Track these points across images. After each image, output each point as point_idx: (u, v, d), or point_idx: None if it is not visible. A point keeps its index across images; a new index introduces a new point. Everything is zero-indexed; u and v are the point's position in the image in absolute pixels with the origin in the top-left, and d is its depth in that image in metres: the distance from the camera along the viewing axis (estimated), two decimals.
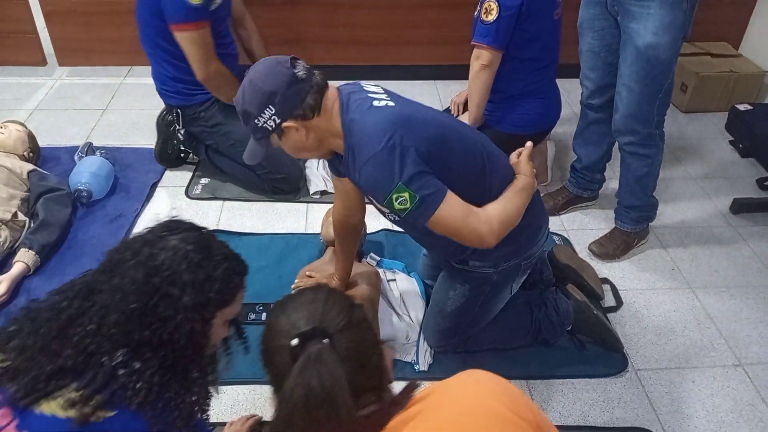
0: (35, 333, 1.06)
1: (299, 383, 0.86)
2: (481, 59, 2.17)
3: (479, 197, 1.46)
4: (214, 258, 1.11)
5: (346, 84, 1.53)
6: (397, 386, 0.97)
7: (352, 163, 1.42)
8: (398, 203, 1.36)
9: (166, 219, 1.16)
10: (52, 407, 0.99)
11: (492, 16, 2.09)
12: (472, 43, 2.19)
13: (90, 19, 3.31)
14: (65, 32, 3.37)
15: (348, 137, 1.42)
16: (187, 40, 2.20)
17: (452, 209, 1.38)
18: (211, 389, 1.17)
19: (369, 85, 1.51)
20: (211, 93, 2.36)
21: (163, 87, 2.42)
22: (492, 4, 2.08)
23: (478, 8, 2.17)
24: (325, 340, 0.89)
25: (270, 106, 1.38)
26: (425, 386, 0.95)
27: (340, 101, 1.44)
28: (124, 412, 1.01)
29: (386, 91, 1.50)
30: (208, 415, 1.18)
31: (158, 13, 2.19)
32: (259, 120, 1.41)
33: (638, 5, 1.87)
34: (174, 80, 2.37)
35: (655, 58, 1.89)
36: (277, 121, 1.40)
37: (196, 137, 2.53)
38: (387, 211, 1.50)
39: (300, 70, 1.39)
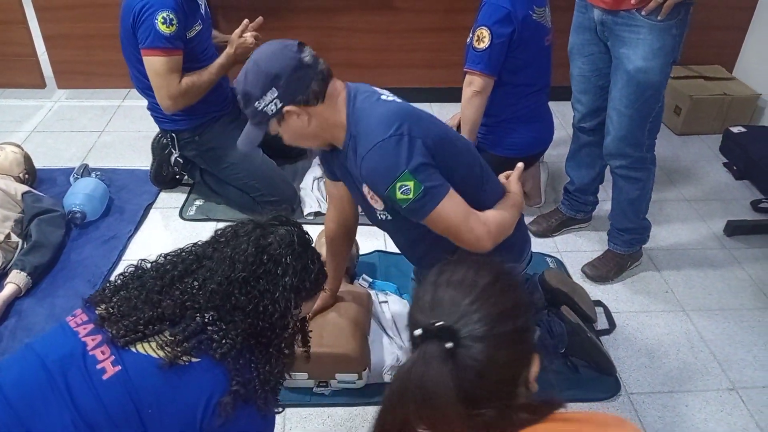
0: (141, 288, 1.20)
1: (404, 376, 0.85)
2: (474, 86, 2.19)
3: (475, 204, 1.44)
4: (311, 254, 1.28)
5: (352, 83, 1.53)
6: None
7: (353, 153, 1.40)
8: (401, 192, 1.33)
9: (275, 213, 1.33)
10: (145, 348, 1.12)
11: (484, 44, 2.11)
12: (465, 69, 2.21)
13: (89, 42, 3.36)
14: (65, 55, 3.41)
15: (352, 126, 1.40)
16: (152, 66, 2.20)
17: (454, 206, 1.37)
18: (285, 373, 1.28)
19: (375, 87, 1.51)
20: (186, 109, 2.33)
21: (155, 114, 2.44)
22: (484, 31, 2.11)
23: (471, 35, 2.19)
24: (448, 344, 0.83)
25: (273, 89, 1.36)
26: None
27: (347, 93, 1.43)
28: (208, 360, 1.12)
29: (393, 94, 1.50)
30: (278, 399, 1.27)
31: (135, 41, 2.21)
32: (260, 103, 1.37)
33: (628, 30, 1.88)
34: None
35: (645, 82, 1.91)
36: (279, 104, 1.37)
37: (191, 161, 2.55)
38: (380, 208, 1.48)
39: (307, 56, 1.38)
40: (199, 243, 1.30)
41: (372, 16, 3.31)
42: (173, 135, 2.47)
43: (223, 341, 1.14)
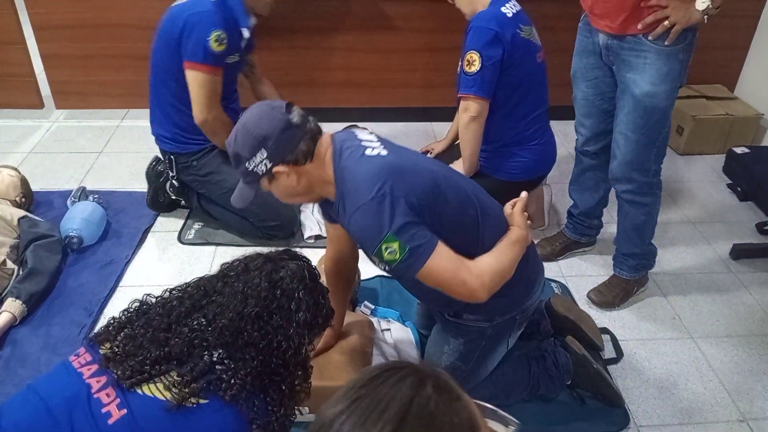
0: (147, 325, 1.18)
1: None
2: (470, 111, 2.16)
3: (472, 249, 1.42)
4: (321, 288, 1.29)
5: (340, 131, 1.52)
6: None
7: (343, 211, 1.40)
8: (387, 254, 1.33)
9: (284, 249, 1.35)
10: (152, 389, 1.10)
11: (475, 67, 2.09)
12: (459, 95, 2.18)
13: (88, 62, 3.33)
14: (63, 75, 3.38)
15: (339, 185, 1.40)
16: (197, 80, 2.20)
17: (442, 262, 1.34)
18: (296, 410, 1.28)
19: (363, 133, 1.50)
20: (207, 136, 2.34)
21: (160, 132, 2.41)
22: (474, 55, 2.09)
23: (461, 62, 2.16)
24: None
25: (262, 150, 1.37)
26: None
27: (333, 148, 1.43)
28: (216, 401, 1.10)
29: (380, 139, 1.48)
30: None
31: (176, 50, 2.19)
32: (250, 163, 1.39)
33: (635, 55, 1.86)
34: (173, 125, 2.36)
35: (652, 107, 1.88)
36: (269, 165, 1.38)
37: (188, 185, 2.52)
38: (377, 260, 1.47)
39: (295, 116, 1.38)
40: (206, 276, 1.29)
41: (371, 36, 3.29)
42: (171, 158, 2.44)
43: (232, 381, 1.12)
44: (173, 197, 2.61)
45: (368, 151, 1.41)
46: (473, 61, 2.09)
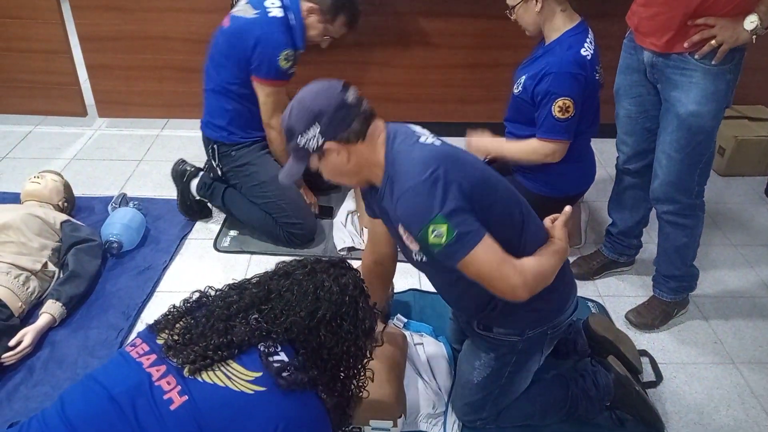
0: (207, 316, 1.21)
1: None
2: (555, 156, 2.16)
3: (514, 250, 1.40)
4: (371, 301, 1.32)
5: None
6: None
7: (389, 194, 1.40)
8: (434, 236, 1.31)
9: (340, 258, 1.37)
10: (211, 377, 1.12)
11: (569, 114, 2.08)
12: (545, 138, 2.15)
13: (130, 73, 3.42)
14: (106, 85, 3.47)
15: (389, 167, 1.40)
16: (264, 92, 2.43)
17: (487, 253, 1.33)
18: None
19: (415, 127, 1.51)
20: (268, 137, 2.53)
21: (212, 120, 2.54)
22: (568, 102, 2.07)
23: (550, 107, 2.10)
24: None
25: (316, 125, 1.38)
26: None
27: (386, 133, 1.45)
28: (276, 389, 1.12)
29: (432, 134, 1.50)
30: None
31: (245, 62, 2.38)
32: (302, 138, 1.40)
33: (680, 74, 1.84)
34: (228, 115, 2.50)
35: (697, 127, 1.85)
36: (320, 141, 1.39)
37: (223, 175, 2.61)
38: (416, 249, 1.46)
39: (350, 96, 1.40)
40: (266, 274, 1.31)
41: (408, 51, 3.32)
42: (215, 147, 2.55)
43: (291, 375, 1.14)
44: (197, 197, 2.66)
45: (422, 139, 1.43)
46: (567, 108, 2.08)
